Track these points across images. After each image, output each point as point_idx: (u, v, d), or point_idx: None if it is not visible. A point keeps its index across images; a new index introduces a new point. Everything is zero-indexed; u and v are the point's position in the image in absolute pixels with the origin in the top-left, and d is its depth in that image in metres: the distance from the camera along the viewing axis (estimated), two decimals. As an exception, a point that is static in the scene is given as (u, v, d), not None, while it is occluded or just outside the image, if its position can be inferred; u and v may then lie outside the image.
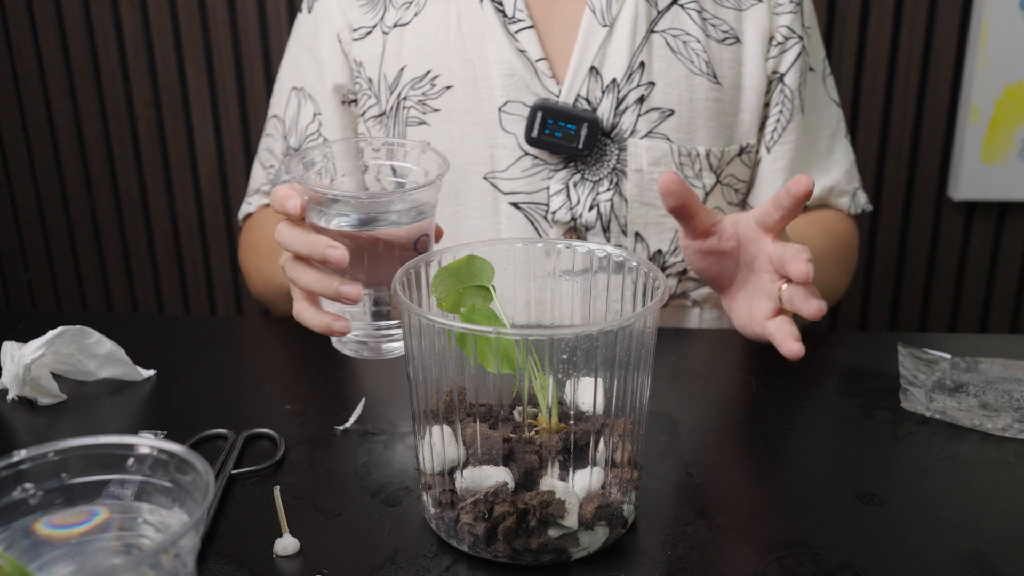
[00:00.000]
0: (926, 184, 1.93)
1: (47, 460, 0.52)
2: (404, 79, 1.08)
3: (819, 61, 1.14)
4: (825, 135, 1.14)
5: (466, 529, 0.66)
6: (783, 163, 1.10)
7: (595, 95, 1.05)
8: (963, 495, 0.75)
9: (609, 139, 1.05)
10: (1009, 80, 1.82)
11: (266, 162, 1.18)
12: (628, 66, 1.04)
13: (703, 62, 1.05)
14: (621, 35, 1.04)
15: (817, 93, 1.13)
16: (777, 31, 1.07)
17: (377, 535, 0.71)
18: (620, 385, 0.66)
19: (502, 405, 0.70)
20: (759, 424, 0.85)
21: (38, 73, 1.98)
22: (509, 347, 0.65)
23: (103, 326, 0.93)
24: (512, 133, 1.05)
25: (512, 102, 1.05)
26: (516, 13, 1.04)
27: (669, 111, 1.05)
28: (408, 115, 1.08)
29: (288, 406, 0.88)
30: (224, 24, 1.90)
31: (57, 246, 2.11)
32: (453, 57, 1.05)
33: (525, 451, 0.66)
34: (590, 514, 0.66)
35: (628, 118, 1.05)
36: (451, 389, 0.67)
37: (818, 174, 1.13)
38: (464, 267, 0.69)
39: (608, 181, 1.06)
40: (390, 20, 1.08)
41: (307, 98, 1.14)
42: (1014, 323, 2.02)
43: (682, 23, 1.05)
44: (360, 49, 1.09)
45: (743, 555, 0.69)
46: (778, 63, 1.08)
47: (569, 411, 0.69)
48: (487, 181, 1.06)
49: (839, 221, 1.15)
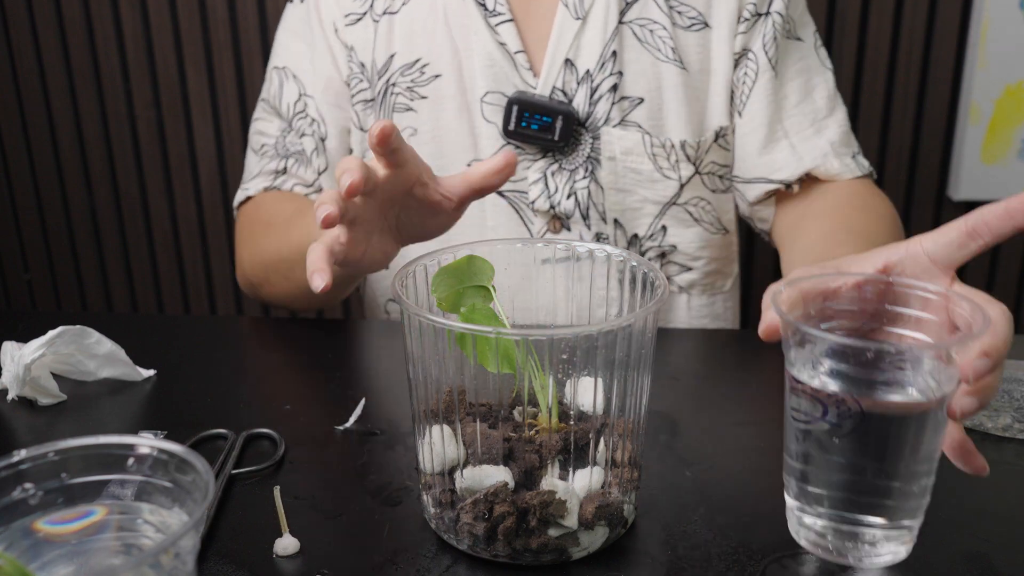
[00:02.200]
0: (926, 184, 1.93)
1: (47, 460, 0.52)
2: (394, 66, 1.11)
3: (809, 34, 1.14)
4: (822, 95, 1.13)
5: (466, 529, 0.66)
6: (759, 120, 1.10)
7: (571, 86, 1.08)
8: (963, 495, 0.75)
9: (584, 128, 1.08)
10: (1009, 80, 1.82)
11: (257, 145, 1.19)
12: (600, 56, 1.07)
13: (669, 49, 1.07)
14: (593, 27, 1.07)
15: (809, 59, 1.13)
16: (745, 8, 1.09)
17: (377, 535, 0.71)
18: (620, 385, 0.66)
19: (502, 405, 0.70)
20: (759, 424, 0.85)
21: (38, 73, 1.98)
22: (509, 347, 0.65)
23: (103, 326, 0.93)
24: (493, 123, 1.09)
25: (492, 92, 1.08)
26: (497, 7, 1.08)
27: (639, 99, 1.08)
28: (396, 101, 1.12)
29: (288, 406, 0.88)
30: (224, 24, 1.90)
31: (57, 246, 2.11)
32: (442, 47, 1.09)
33: (525, 451, 0.66)
34: (590, 514, 0.66)
35: (602, 107, 1.08)
36: (451, 389, 0.67)
37: (814, 133, 1.11)
38: (464, 267, 0.69)
39: (584, 169, 1.09)
40: (379, 7, 1.11)
41: (290, 77, 1.16)
42: (1014, 323, 2.02)
43: (649, 12, 1.07)
44: (352, 34, 1.13)
45: (743, 555, 0.69)
46: (747, 39, 1.09)
47: (569, 411, 0.69)
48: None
49: (856, 195, 1.08)
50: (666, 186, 1.10)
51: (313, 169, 1.16)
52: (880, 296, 0.66)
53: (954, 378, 0.61)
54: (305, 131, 1.15)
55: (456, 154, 1.11)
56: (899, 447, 0.61)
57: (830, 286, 0.66)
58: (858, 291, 0.66)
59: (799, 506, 0.66)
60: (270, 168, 1.17)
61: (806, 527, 0.66)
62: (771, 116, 1.10)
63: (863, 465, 0.62)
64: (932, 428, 0.62)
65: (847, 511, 0.63)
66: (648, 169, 1.09)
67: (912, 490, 0.63)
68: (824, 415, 0.61)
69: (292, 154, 1.16)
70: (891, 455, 0.61)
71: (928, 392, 0.61)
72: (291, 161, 1.16)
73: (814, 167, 1.10)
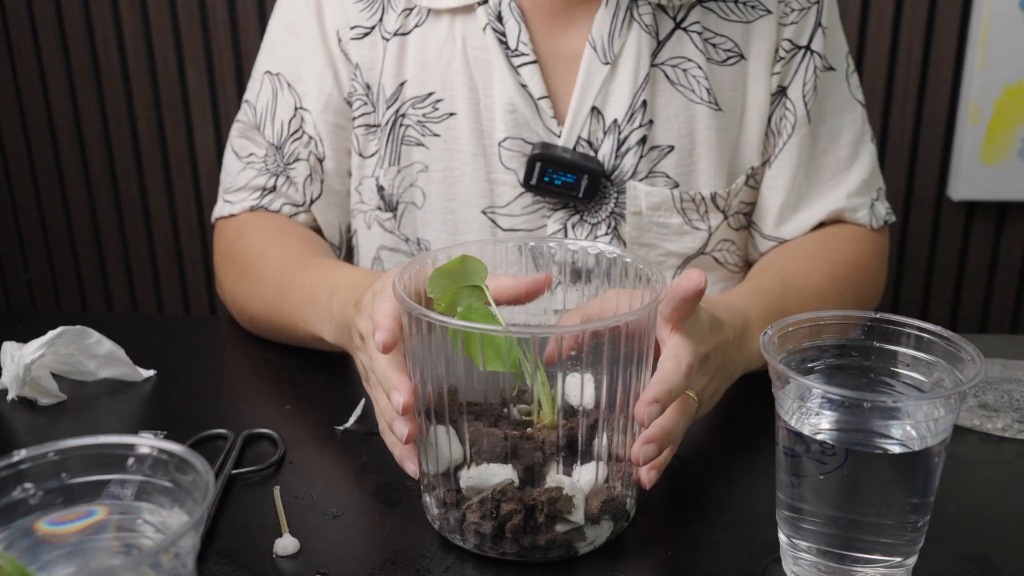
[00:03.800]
0: (926, 184, 1.93)
1: (47, 460, 0.52)
2: (405, 95, 1.01)
3: (841, 58, 1.06)
4: (848, 141, 1.05)
5: (472, 528, 0.66)
6: (783, 179, 1.03)
7: (597, 136, 0.99)
8: (963, 495, 0.75)
9: (609, 182, 1.00)
10: (1009, 80, 1.82)
11: (242, 150, 1.07)
12: (630, 106, 0.98)
13: (704, 89, 0.99)
14: (624, 73, 0.98)
15: (839, 95, 1.05)
16: (781, 44, 1.01)
17: (377, 535, 0.71)
18: (620, 381, 0.66)
19: (504, 403, 0.70)
20: (759, 424, 0.85)
21: (38, 73, 1.98)
22: (509, 345, 0.65)
23: (103, 326, 0.93)
24: (512, 170, 1.00)
25: (512, 138, 0.99)
26: (520, 46, 0.98)
27: (669, 147, 1.00)
28: (405, 133, 1.02)
29: (288, 406, 0.88)
30: (224, 24, 1.90)
31: (57, 246, 2.11)
32: (458, 83, 0.99)
33: (527, 448, 0.66)
34: (596, 508, 0.66)
35: (629, 160, 0.99)
36: (453, 387, 0.67)
37: (832, 187, 1.05)
38: (458, 268, 0.69)
39: (606, 225, 1.01)
40: (390, 25, 1.00)
41: (284, 86, 1.05)
42: (1014, 323, 2.02)
43: (684, 49, 0.98)
44: (358, 50, 1.02)
45: (743, 555, 0.69)
46: (783, 77, 1.02)
47: (571, 406, 0.69)
48: (486, 215, 1.02)
49: (851, 243, 1.05)
50: (694, 238, 1.03)
51: (305, 196, 1.06)
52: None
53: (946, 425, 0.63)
54: (300, 155, 1.04)
55: (469, 199, 1.01)
56: (886, 486, 0.62)
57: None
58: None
59: (790, 543, 0.66)
60: (257, 184, 1.06)
61: (799, 564, 0.66)
62: (796, 175, 1.03)
63: (851, 504, 0.63)
64: (921, 469, 0.63)
65: (836, 548, 0.64)
66: (677, 223, 1.02)
67: (904, 528, 0.63)
68: (807, 451, 0.62)
69: (283, 171, 1.05)
70: (879, 494, 0.62)
71: (911, 441, 0.63)
72: (281, 180, 1.05)
73: (824, 218, 1.05)
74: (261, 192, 1.06)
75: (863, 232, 1.06)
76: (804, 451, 0.62)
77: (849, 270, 1.02)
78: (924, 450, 0.62)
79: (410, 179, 1.02)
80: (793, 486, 0.64)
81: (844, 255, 1.03)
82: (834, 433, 0.62)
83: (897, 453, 0.63)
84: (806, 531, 0.64)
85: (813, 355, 0.68)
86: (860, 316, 0.68)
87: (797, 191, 1.04)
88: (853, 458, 0.61)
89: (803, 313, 0.68)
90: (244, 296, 1.02)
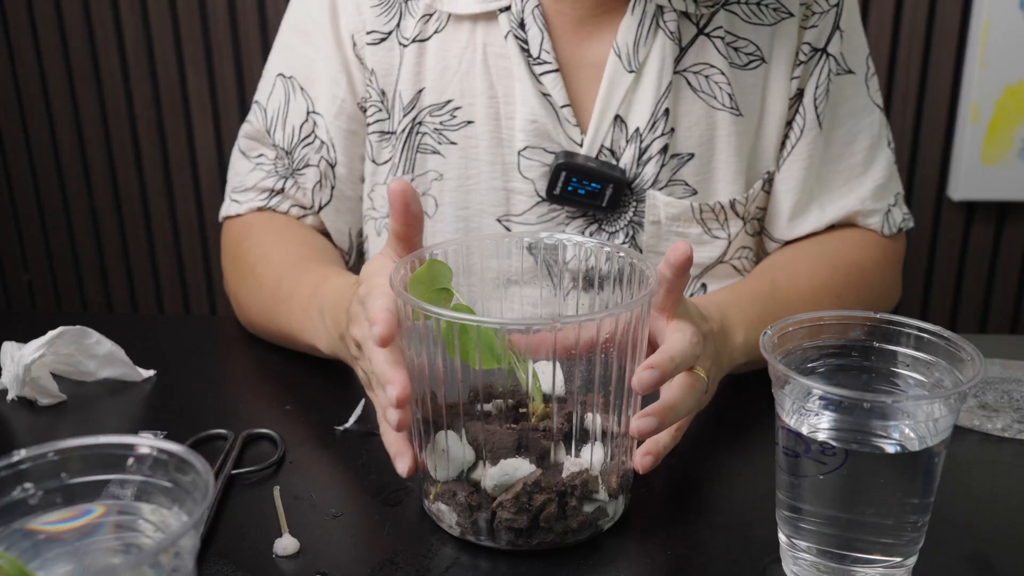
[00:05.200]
0: (926, 184, 1.93)
1: (47, 460, 0.52)
2: (423, 103, 1.00)
3: (861, 61, 1.04)
4: (863, 146, 1.04)
5: (505, 525, 0.67)
6: (793, 183, 1.02)
7: (619, 145, 0.98)
8: (963, 495, 0.75)
9: (630, 191, 0.99)
10: (1009, 80, 1.82)
11: (250, 151, 1.06)
12: (652, 114, 0.97)
13: (726, 95, 0.98)
14: (648, 82, 0.97)
15: (858, 99, 1.04)
16: (801, 48, 1.00)
17: (377, 535, 0.71)
18: (615, 370, 0.67)
19: (506, 402, 0.71)
20: (759, 424, 0.85)
21: (38, 73, 1.98)
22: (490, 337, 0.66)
23: (103, 326, 0.93)
24: (530, 179, 0.99)
25: (532, 148, 0.98)
26: (542, 54, 0.96)
27: (689, 155, 0.99)
28: (421, 141, 1.00)
29: (288, 406, 0.88)
30: (224, 24, 1.90)
31: (57, 246, 2.11)
32: (477, 91, 0.98)
33: (534, 438, 0.68)
34: (615, 483, 0.69)
35: (650, 169, 0.98)
36: (455, 387, 0.68)
37: (845, 192, 1.04)
38: (426, 273, 0.70)
39: (624, 234, 1.00)
40: (408, 31, 0.99)
41: (297, 90, 1.04)
42: (1014, 323, 2.02)
43: (706, 55, 0.97)
44: (373, 55, 1.00)
45: (743, 555, 0.69)
46: (802, 81, 1.01)
47: (562, 395, 0.70)
48: (501, 224, 1.01)
49: (857, 248, 1.04)
50: (713, 247, 1.02)
51: (314, 201, 1.05)
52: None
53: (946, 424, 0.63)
54: (310, 160, 1.03)
55: (485, 208, 1.00)
56: (885, 486, 0.62)
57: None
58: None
59: (789, 543, 0.66)
60: (266, 185, 1.05)
61: (799, 564, 0.66)
62: (807, 177, 1.02)
63: (851, 504, 0.63)
64: (920, 469, 0.63)
65: (836, 548, 0.64)
66: (696, 233, 1.01)
67: (904, 529, 0.64)
68: (807, 452, 0.63)
69: (292, 176, 1.04)
70: (879, 494, 0.62)
71: (911, 441, 0.63)
72: (289, 183, 1.04)
73: (833, 222, 1.04)
74: (269, 194, 1.05)
75: (872, 238, 1.05)
76: (804, 451, 0.62)
77: (850, 275, 1.01)
78: (924, 450, 0.62)
79: (423, 188, 1.01)
80: (793, 486, 0.64)
81: (846, 260, 1.02)
82: (834, 433, 0.62)
83: (897, 453, 0.63)
84: (806, 531, 0.64)
85: (813, 355, 0.68)
86: (860, 316, 0.68)
87: (808, 195, 1.03)
88: (853, 458, 0.61)
89: (803, 313, 0.68)
90: (245, 300, 1.02)
